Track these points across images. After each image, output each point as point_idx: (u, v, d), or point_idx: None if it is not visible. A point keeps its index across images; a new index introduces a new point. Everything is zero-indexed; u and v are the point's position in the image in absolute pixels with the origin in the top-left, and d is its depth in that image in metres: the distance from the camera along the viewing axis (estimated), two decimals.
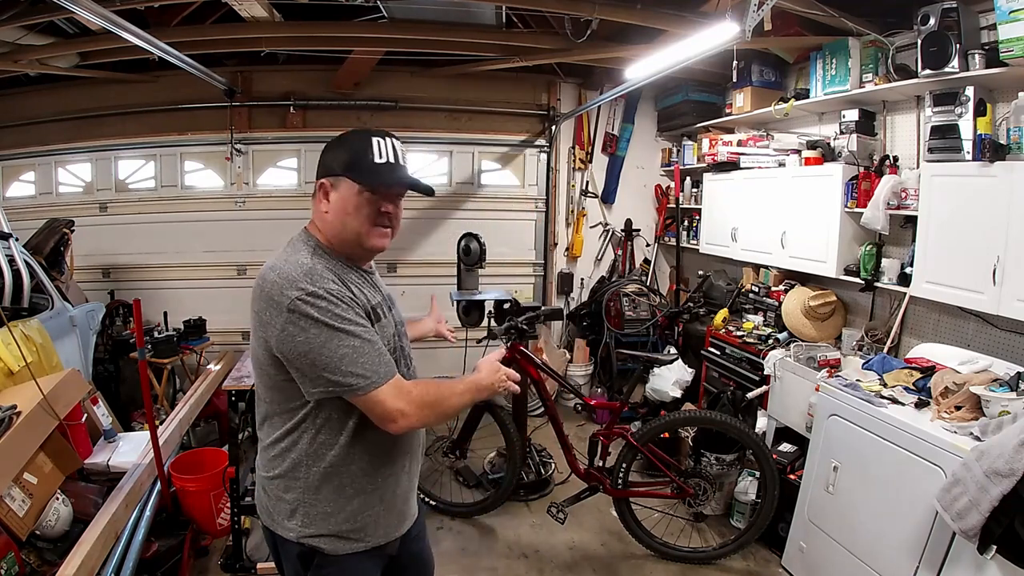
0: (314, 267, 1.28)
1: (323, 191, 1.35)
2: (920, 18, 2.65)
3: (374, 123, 4.91)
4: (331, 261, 1.34)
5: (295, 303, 1.22)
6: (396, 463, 1.45)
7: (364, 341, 1.25)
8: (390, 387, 1.27)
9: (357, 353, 1.24)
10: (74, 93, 4.64)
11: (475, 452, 3.49)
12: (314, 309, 1.22)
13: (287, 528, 1.38)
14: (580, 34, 3.52)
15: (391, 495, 1.44)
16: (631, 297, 4.67)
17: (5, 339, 2.77)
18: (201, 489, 2.87)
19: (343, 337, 1.23)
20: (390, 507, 1.44)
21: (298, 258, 1.30)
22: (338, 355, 1.22)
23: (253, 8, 3.23)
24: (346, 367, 1.23)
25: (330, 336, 1.22)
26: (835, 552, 2.48)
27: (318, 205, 1.36)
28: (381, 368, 1.26)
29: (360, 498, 1.38)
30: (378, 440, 1.37)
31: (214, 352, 4.63)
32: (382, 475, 1.41)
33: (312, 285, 1.23)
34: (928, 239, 2.76)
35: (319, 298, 1.22)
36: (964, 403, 2.19)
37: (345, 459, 1.35)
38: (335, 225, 1.35)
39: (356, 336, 1.25)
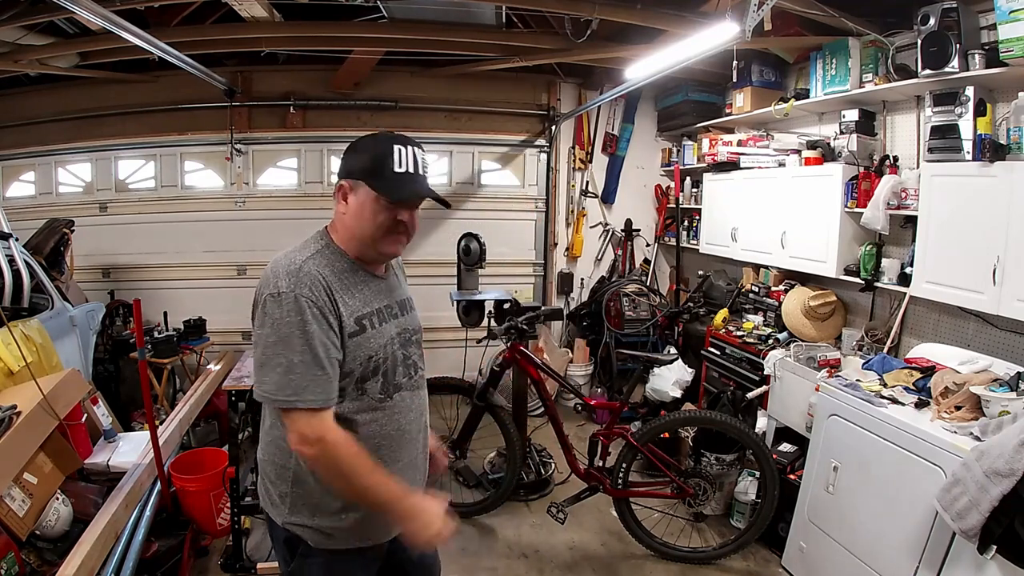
0: (302, 268, 1.28)
1: (341, 192, 1.37)
2: (920, 18, 2.65)
3: (374, 123, 4.92)
4: (337, 262, 1.35)
5: (267, 298, 1.25)
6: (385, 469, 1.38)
7: (303, 362, 1.23)
8: (308, 415, 1.24)
9: (290, 369, 1.22)
10: (74, 93, 4.64)
11: (475, 452, 3.49)
12: (277, 310, 1.23)
13: (276, 512, 1.40)
14: (580, 34, 3.52)
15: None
16: (631, 297, 4.67)
17: (5, 339, 2.77)
18: (201, 489, 2.86)
19: (287, 348, 1.23)
20: (374, 514, 1.38)
21: (295, 256, 1.32)
22: (274, 362, 1.23)
23: (253, 8, 3.23)
24: (276, 374, 1.23)
25: (277, 341, 1.23)
26: (835, 552, 2.47)
27: (337, 205, 1.38)
28: (307, 394, 1.23)
29: (344, 500, 1.36)
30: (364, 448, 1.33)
31: (214, 352, 4.63)
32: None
33: (288, 287, 1.24)
34: (928, 239, 2.76)
35: (287, 301, 1.23)
36: (964, 403, 2.19)
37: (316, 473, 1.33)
38: (351, 227, 1.37)
39: (298, 352, 1.23)
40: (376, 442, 1.38)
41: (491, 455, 3.66)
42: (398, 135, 1.38)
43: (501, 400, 3.25)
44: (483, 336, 3.31)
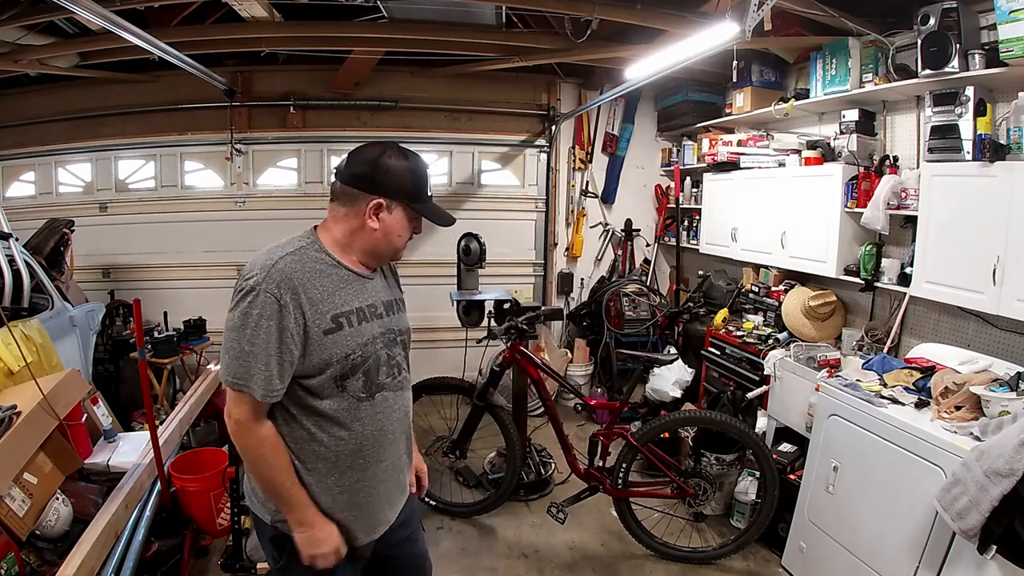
0: (276, 264, 1.32)
1: (376, 208, 1.38)
2: (920, 18, 2.65)
3: (374, 123, 4.92)
4: (317, 262, 1.38)
5: (241, 283, 1.32)
6: (367, 470, 1.44)
7: (252, 353, 1.28)
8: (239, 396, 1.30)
9: (240, 355, 1.29)
10: (74, 93, 4.64)
11: (475, 452, 3.49)
12: (244, 300, 1.29)
13: (264, 511, 1.43)
14: (580, 34, 3.52)
15: (361, 500, 1.44)
16: (631, 297, 4.67)
17: (5, 339, 2.77)
18: (201, 489, 2.86)
19: (241, 336, 1.29)
20: (359, 512, 1.44)
21: (275, 252, 1.36)
22: (230, 346, 1.31)
23: (253, 8, 3.23)
24: (228, 356, 1.31)
25: (237, 326, 1.30)
26: (835, 552, 2.47)
27: (361, 218, 1.40)
28: (245, 378, 1.29)
29: (327, 498, 1.39)
30: (344, 443, 1.38)
31: (214, 352, 4.63)
32: (349, 479, 1.42)
33: (257, 280, 1.29)
34: (928, 239, 2.76)
35: (253, 295, 1.28)
36: (964, 403, 2.19)
37: (311, 457, 1.38)
38: (379, 240, 1.41)
39: (251, 339, 1.28)
40: (359, 442, 1.40)
41: (491, 455, 3.66)
42: (421, 158, 1.45)
43: (501, 400, 3.25)
44: (483, 336, 3.31)
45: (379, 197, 1.38)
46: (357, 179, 1.39)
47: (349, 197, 1.40)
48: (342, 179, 1.41)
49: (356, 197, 1.39)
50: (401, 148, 1.43)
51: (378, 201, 1.38)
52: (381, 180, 1.38)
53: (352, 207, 1.40)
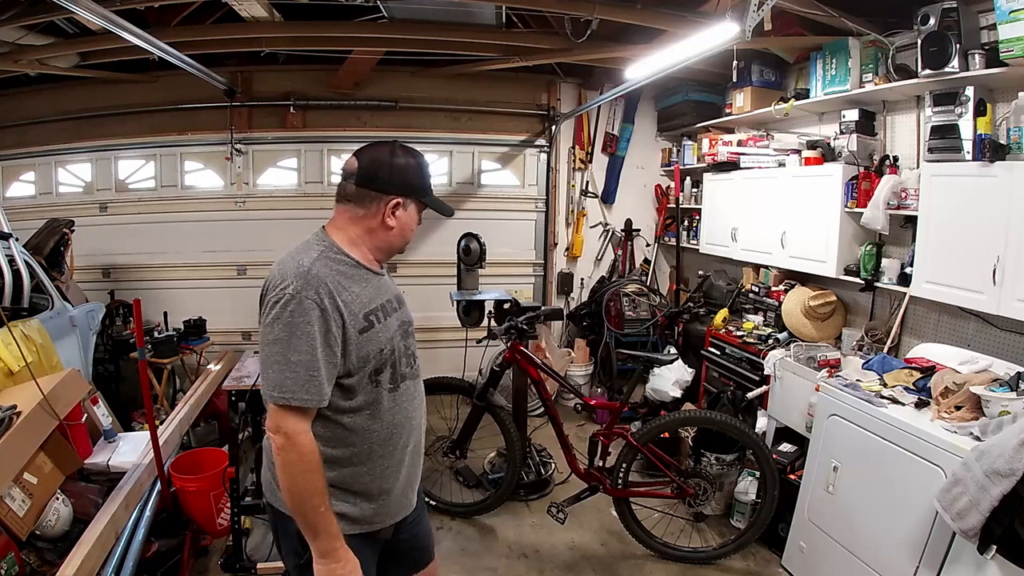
0: (310, 270, 1.33)
1: (393, 207, 1.44)
2: (920, 18, 2.65)
3: (374, 123, 4.92)
4: (339, 264, 1.41)
5: (274, 299, 1.31)
6: (395, 456, 1.49)
7: (300, 362, 1.28)
8: (289, 415, 1.29)
9: (286, 367, 1.28)
10: (74, 93, 4.64)
11: (475, 452, 3.49)
12: (283, 310, 1.29)
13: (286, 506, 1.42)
14: (580, 34, 3.53)
15: (390, 485, 1.49)
16: (631, 297, 4.67)
17: (5, 339, 2.77)
18: (201, 489, 2.86)
19: (288, 348, 1.28)
20: (387, 496, 1.49)
21: (302, 259, 1.36)
22: (274, 359, 1.29)
23: (253, 8, 3.23)
24: (273, 371, 1.30)
25: (280, 339, 1.29)
26: (835, 552, 2.47)
27: (379, 218, 1.44)
28: (300, 393, 1.29)
29: (359, 487, 1.44)
30: (377, 434, 1.44)
31: (214, 352, 4.63)
32: (380, 467, 1.46)
33: (295, 289, 1.30)
34: (928, 239, 2.76)
35: (294, 303, 1.29)
36: (964, 403, 2.19)
37: (345, 447, 1.41)
38: (395, 237, 1.48)
39: (298, 348, 1.28)
40: (388, 431, 1.46)
41: (491, 455, 3.66)
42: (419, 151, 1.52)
43: (501, 400, 3.25)
44: (483, 336, 3.31)
45: (397, 196, 1.43)
46: (373, 181, 1.43)
47: (366, 198, 1.43)
48: (358, 182, 1.43)
49: (373, 198, 1.43)
50: (404, 146, 1.48)
51: (397, 200, 1.44)
52: (397, 180, 1.44)
53: (369, 208, 1.44)
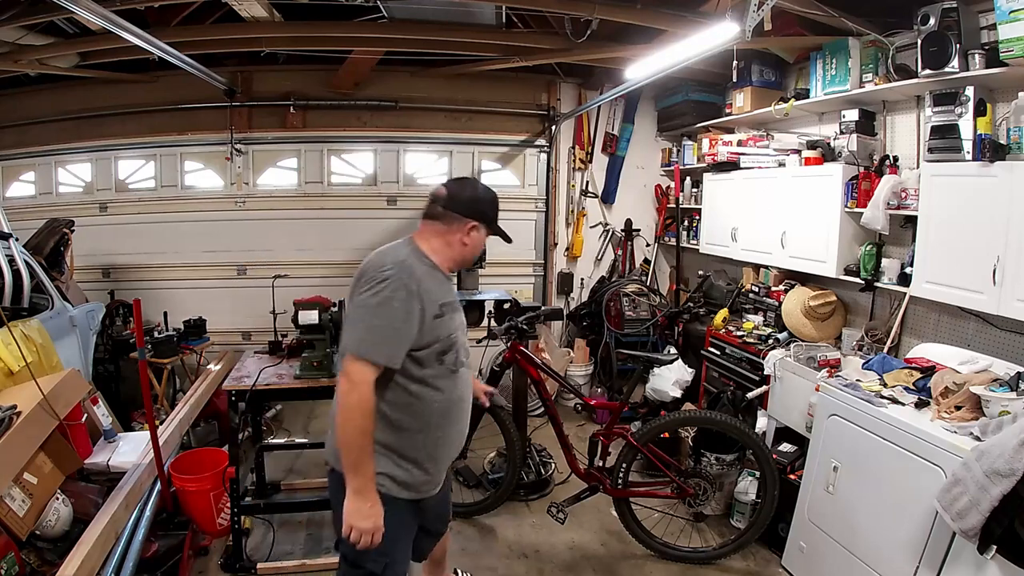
0: (405, 261, 1.66)
1: (468, 229, 1.80)
2: (920, 18, 2.65)
3: (374, 123, 4.93)
4: (424, 264, 1.73)
5: (376, 274, 1.61)
6: (447, 429, 1.78)
7: (384, 327, 1.58)
8: (361, 365, 1.56)
9: (369, 330, 1.58)
10: (74, 93, 4.64)
11: (475, 452, 3.48)
12: (380, 285, 1.59)
13: None
14: (580, 34, 3.53)
15: (439, 455, 1.80)
16: (631, 297, 4.67)
17: (5, 339, 2.77)
18: (201, 489, 2.86)
19: (375, 315, 1.58)
20: (435, 466, 1.79)
21: (398, 253, 1.70)
22: (361, 320, 1.59)
23: (253, 8, 3.23)
24: (357, 330, 1.60)
25: (370, 306, 1.59)
26: (835, 552, 2.47)
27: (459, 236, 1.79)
28: (371, 350, 1.57)
29: (415, 453, 1.72)
30: (438, 405, 1.72)
31: (214, 352, 4.63)
32: (434, 437, 1.75)
33: (392, 272, 1.60)
34: (928, 239, 2.76)
35: (390, 281, 1.59)
36: (964, 403, 2.19)
37: (410, 415, 1.69)
38: (466, 253, 1.83)
39: (383, 318, 1.58)
40: (447, 406, 1.75)
41: (491, 455, 3.66)
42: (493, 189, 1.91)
43: (501, 400, 3.25)
44: (483, 336, 3.31)
45: (474, 221, 1.80)
46: (460, 207, 1.79)
47: (450, 219, 1.78)
48: (445, 205, 1.78)
49: (456, 220, 1.78)
50: (484, 184, 1.91)
51: (474, 224, 1.80)
52: (477, 209, 1.81)
53: (451, 227, 1.78)
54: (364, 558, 1.69)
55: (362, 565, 1.71)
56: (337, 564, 1.81)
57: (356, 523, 1.59)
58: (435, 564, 2.41)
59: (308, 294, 2.81)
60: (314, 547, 2.91)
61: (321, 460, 3.60)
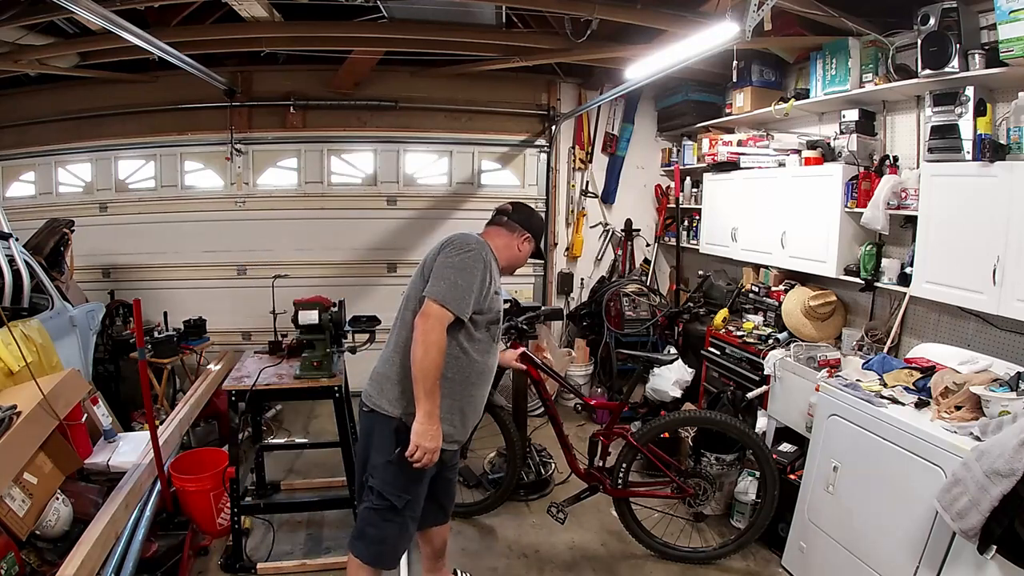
0: (485, 244, 2.05)
1: (524, 239, 2.24)
2: (920, 18, 2.65)
3: (374, 123, 4.93)
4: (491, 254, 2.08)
5: (464, 243, 1.98)
6: (478, 389, 2.09)
7: (465, 286, 1.91)
8: (441, 309, 1.88)
9: (453, 285, 1.91)
10: (74, 93, 4.64)
11: (475, 452, 3.49)
12: (466, 255, 1.95)
13: (394, 407, 1.98)
14: (580, 34, 3.53)
15: (469, 409, 2.09)
16: (631, 297, 4.67)
17: (5, 339, 2.77)
18: (201, 489, 2.87)
19: (460, 274, 1.92)
20: (462, 419, 2.07)
21: (477, 237, 2.08)
22: (447, 276, 1.92)
23: (253, 8, 3.23)
24: (442, 282, 1.91)
25: (457, 266, 1.93)
26: (835, 552, 2.47)
27: (517, 242, 2.22)
28: (451, 300, 1.89)
29: (447, 402, 1.97)
30: (478, 364, 2.03)
31: (214, 352, 4.63)
32: (466, 392, 2.04)
33: (477, 248, 1.98)
34: (928, 239, 2.76)
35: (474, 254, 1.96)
36: (964, 403, 2.19)
37: (453, 366, 1.97)
38: (517, 258, 2.25)
39: (465, 279, 1.92)
40: (482, 368, 2.07)
41: (491, 455, 3.66)
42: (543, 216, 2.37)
43: (501, 400, 3.25)
44: None
45: (528, 234, 2.24)
46: (521, 219, 2.24)
47: (511, 228, 2.22)
48: (511, 216, 2.23)
49: (515, 229, 2.22)
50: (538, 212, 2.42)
51: (527, 236, 2.24)
52: (532, 225, 2.27)
53: (512, 234, 2.22)
54: (389, 492, 1.98)
55: (387, 498, 1.98)
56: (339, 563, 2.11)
57: (423, 442, 1.86)
58: (435, 559, 2.44)
59: (308, 294, 2.81)
60: (314, 547, 2.91)
61: (321, 460, 3.64)
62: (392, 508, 1.99)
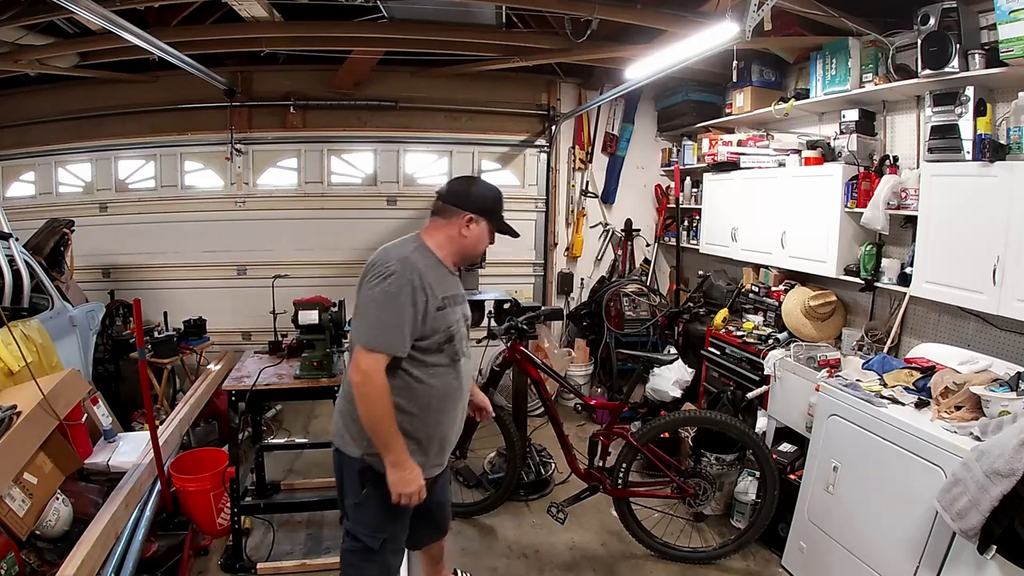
0: (409, 258, 1.75)
1: (467, 221, 1.87)
2: (920, 18, 2.65)
3: (374, 123, 4.93)
4: (427, 259, 1.82)
5: (382, 269, 1.72)
6: (447, 414, 1.89)
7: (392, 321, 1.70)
8: (372, 356, 1.69)
9: (377, 323, 1.70)
10: (74, 93, 4.64)
11: (475, 452, 3.48)
12: (385, 281, 1.70)
13: (356, 446, 1.82)
14: (580, 34, 3.53)
15: (438, 433, 1.89)
16: (631, 297, 4.67)
17: (5, 339, 2.77)
18: (201, 489, 2.87)
19: (383, 309, 1.70)
20: (439, 446, 1.90)
21: (402, 249, 1.80)
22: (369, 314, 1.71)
23: (253, 8, 3.23)
24: (366, 323, 1.72)
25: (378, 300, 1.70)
26: (835, 552, 2.48)
27: (457, 228, 1.87)
28: (380, 342, 1.70)
29: (420, 433, 1.82)
30: (437, 390, 1.83)
31: (214, 352, 4.63)
32: (434, 419, 1.85)
33: (397, 268, 1.71)
34: (928, 239, 2.76)
35: (395, 278, 1.70)
36: (964, 403, 2.19)
37: (412, 399, 1.79)
38: (465, 245, 1.90)
39: (389, 312, 1.70)
40: (446, 392, 1.86)
41: (491, 455, 3.66)
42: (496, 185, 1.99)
43: (501, 400, 3.26)
44: (483, 336, 3.31)
45: (470, 214, 1.86)
46: (456, 200, 1.88)
47: (448, 213, 1.87)
48: (443, 199, 1.89)
49: (454, 213, 1.87)
50: (485, 180, 1.99)
51: (470, 216, 1.87)
52: (473, 202, 1.88)
53: (450, 220, 1.87)
54: (362, 533, 1.87)
55: (361, 539, 1.88)
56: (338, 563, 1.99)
57: (402, 490, 1.75)
58: (433, 564, 2.42)
59: (308, 294, 2.82)
60: (314, 547, 2.91)
61: (321, 460, 3.64)
62: (367, 549, 1.88)
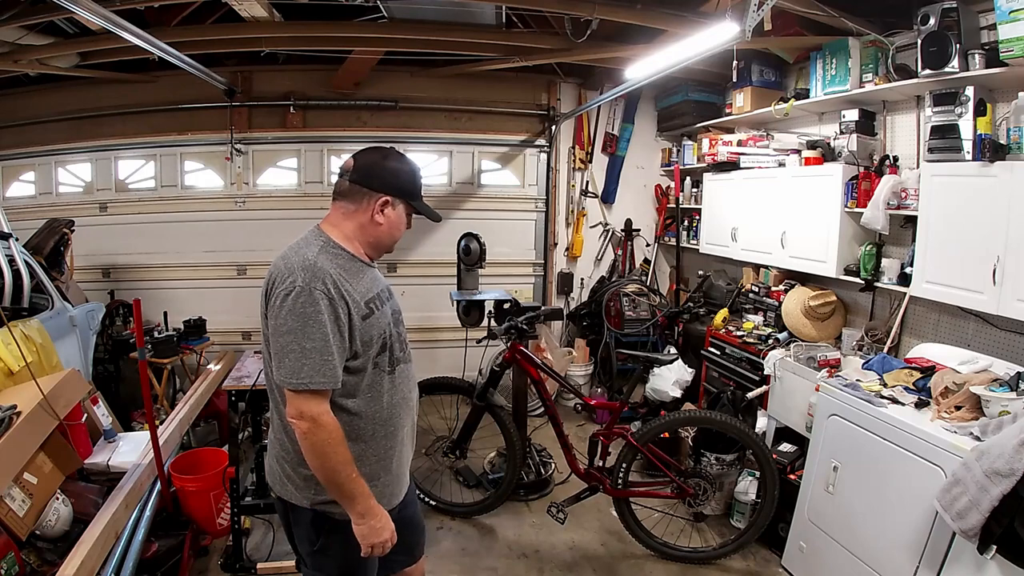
0: (316, 263, 1.42)
1: (382, 204, 1.54)
2: (920, 18, 2.65)
3: (374, 123, 4.92)
4: (337, 257, 1.49)
5: (283, 291, 1.38)
6: (396, 436, 1.59)
7: (318, 346, 1.37)
8: (308, 397, 1.38)
9: (303, 354, 1.36)
10: (74, 93, 4.64)
11: (475, 452, 3.49)
12: (294, 302, 1.37)
13: (302, 495, 1.51)
14: (580, 34, 3.52)
15: (392, 464, 1.60)
16: (631, 297, 4.67)
17: (5, 339, 2.77)
18: (201, 489, 2.86)
19: (303, 336, 1.37)
20: (389, 476, 1.59)
21: (305, 253, 1.44)
22: (290, 348, 1.37)
23: (253, 8, 3.23)
24: (290, 358, 1.37)
25: (295, 329, 1.37)
26: (835, 552, 2.48)
27: (369, 214, 1.54)
28: (314, 376, 1.37)
29: (366, 468, 1.51)
30: (379, 414, 1.53)
31: (214, 352, 4.63)
32: (383, 447, 1.56)
33: (304, 281, 1.38)
34: (928, 239, 2.76)
35: (303, 294, 1.37)
36: (964, 403, 2.19)
37: (351, 429, 1.47)
38: (383, 233, 1.57)
39: (312, 337, 1.37)
40: (389, 411, 1.56)
41: (491, 455, 3.66)
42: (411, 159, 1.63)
43: (501, 400, 3.25)
44: (483, 336, 3.31)
45: (386, 195, 1.53)
46: (366, 179, 1.52)
47: (357, 195, 1.53)
48: (351, 179, 1.53)
49: (364, 195, 1.53)
50: (399, 152, 1.59)
51: (385, 199, 1.53)
52: (388, 181, 1.53)
53: (360, 204, 1.53)
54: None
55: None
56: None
57: (373, 542, 1.48)
58: None
59: None
60: None
61: None
62: None
